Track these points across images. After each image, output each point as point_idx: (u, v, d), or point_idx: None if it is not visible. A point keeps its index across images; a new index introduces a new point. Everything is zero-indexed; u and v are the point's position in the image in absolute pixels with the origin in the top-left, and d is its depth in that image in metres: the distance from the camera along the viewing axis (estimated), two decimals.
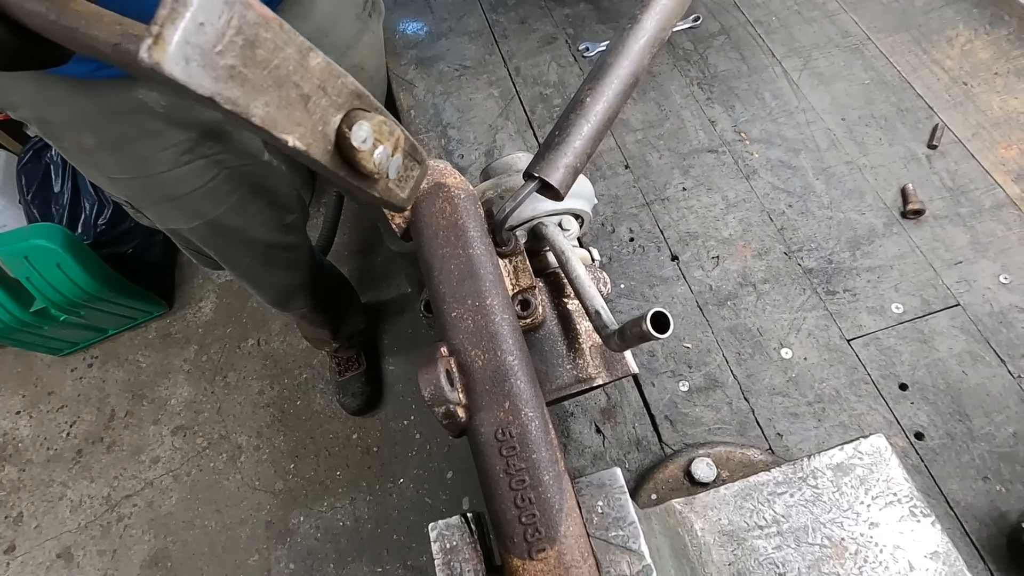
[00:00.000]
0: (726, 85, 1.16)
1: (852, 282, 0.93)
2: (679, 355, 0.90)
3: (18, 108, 0.79)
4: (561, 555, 0.43)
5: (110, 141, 0.82)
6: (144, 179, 0.89)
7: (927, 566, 0.57)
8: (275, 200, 1.11)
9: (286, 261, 1.33)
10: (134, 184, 0.90)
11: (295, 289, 1.48)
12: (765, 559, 0.59)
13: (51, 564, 1.89)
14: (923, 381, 0.84)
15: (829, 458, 0.63)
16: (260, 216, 1.09)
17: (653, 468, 0.80)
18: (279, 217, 1.15)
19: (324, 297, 1.65)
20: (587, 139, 0.53)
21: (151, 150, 0.85)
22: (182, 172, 0.90)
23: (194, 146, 0.88)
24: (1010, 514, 0.75)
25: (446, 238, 0.53)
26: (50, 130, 0.82)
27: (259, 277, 1.33)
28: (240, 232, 1.09)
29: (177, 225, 1.01)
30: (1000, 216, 0.95)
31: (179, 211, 0.97)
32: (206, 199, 0.96)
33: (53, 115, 0.79)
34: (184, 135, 0.85)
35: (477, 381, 0.48)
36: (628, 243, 1.01)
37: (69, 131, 0.81)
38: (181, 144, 0.86)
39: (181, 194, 0.93)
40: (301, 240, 1.35)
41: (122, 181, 0.90)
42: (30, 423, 2.15)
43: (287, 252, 1.29)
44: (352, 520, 1.83)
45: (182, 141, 0.86)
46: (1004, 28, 1.14)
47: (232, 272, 1.26)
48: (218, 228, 1.04)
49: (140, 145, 0.84)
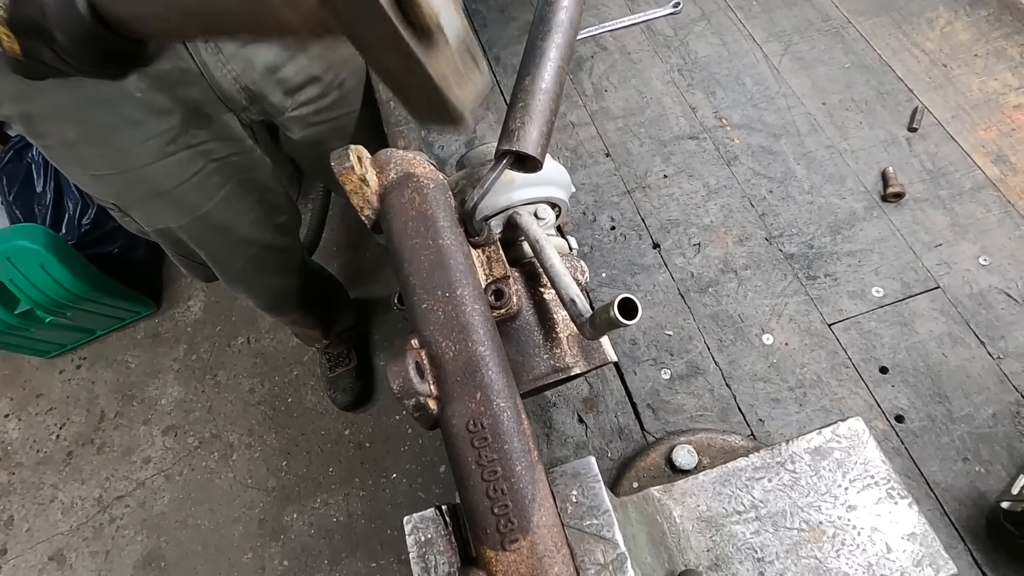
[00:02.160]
0: (707, 71, 1.15)
1: (833, 267, 0.93)
2: (661, 343, 0.90)
3: (2, 105, 0.78)
4: (534, 545, 0.43)
5: (92, 133, 0.82)
6: (128, 173, 0.88)
7: (904, 547, 0.57)
8: (265, 197, 1.10)
9: (279, 265, 1.31)
10: (118, 181, 0.89)
11: (287, 294, 1.47)
12: (743, 544, 0.59)
13: (43, 567, 1.88)
14: (903, 364, 0.85)
15: (807, 442, 0.63)
16: (251, 213, 1.08)
17: (635, 456, 0.80)
18: (270, 216, 1.14)
19: (315, 299, 1.64)
20: (548, 100, 0.51)
21: (133, 140, 0.84)
22: (167, 164, 0.89)
23: (177, 135, 0.87)
24: (989, 494, 0.75)
25: (415, 229, 0.52)
26: (33, 126, 0.81)
27: (251, 281, 1.31)
28: (231, 230, 1.07)
29: (166, 223, 0.99)
30: (979, 198, 0.95)
31: (167, 207, 0.96)
32: (194, 192, 0.95)
33: (36, 109, 0.79)
34: (166, 123, 0.85)
35: (448, 372, 0.47)
36: (609, 231, 1.00)
37: (51, 125, 0.81)
38: (164, 134, 0.85)
39: (167, 188, 0.92)
40: (293, 243, 1.34)
41: (107, 178, 0.89)
42: (19, 426, 2.14)
43: (280, 255, 1.28)
44: (345, 516, 1.84)
45: (165, 131, 0.85)
46: (983, 9, 1.14)
47: (224, 277, 1.25)
48: (208, 225, 1.02)
49: (122, 136, 0.83)
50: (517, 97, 0.52)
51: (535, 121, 0.50)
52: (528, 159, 0.51)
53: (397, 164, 0.56)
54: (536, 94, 0.51)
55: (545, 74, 0.52)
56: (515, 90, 0.53)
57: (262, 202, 1.10)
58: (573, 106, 1.14)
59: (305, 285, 1.51)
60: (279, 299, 1.47)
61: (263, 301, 1.47)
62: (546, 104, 0.51)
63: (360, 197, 0.53)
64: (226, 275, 1.24)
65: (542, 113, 0.51)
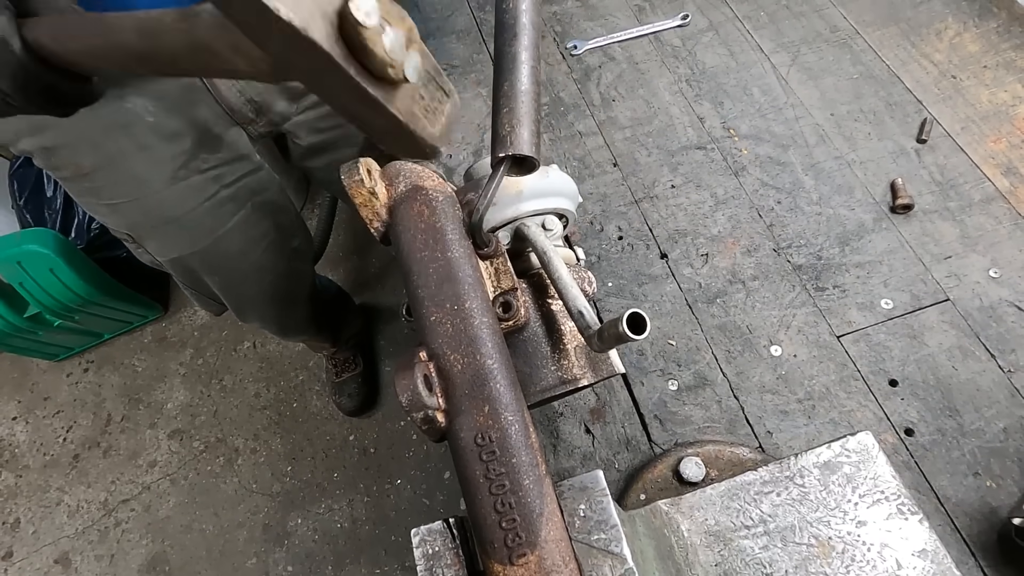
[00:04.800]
0: (715, 82, 1.15)
1: (841, 278, 0.92)
2: (668, 354, 0.89)
3: (20, 140, 0.79)
4: (542, 560, 0.42)
5: (106, 160, 0.83)
6: (142, 200, 0.88)
7: (915, 564, 0.56)
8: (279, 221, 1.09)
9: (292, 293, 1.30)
10: (133, 208, 0.90)
11: (300, 320, 1.45)
12: (752, 559, 0.58)
13: (49, 570, 1.89)
14: (913, 377, 0.84)
15: (816, 456, 0.63)
16: (265, 239, 1.07)
17: (642, 468, 0.80)
18: (285, 240, 1.12)
19: (326, 320, 1.64)
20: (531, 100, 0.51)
21: (146, 166, 0.85)
22: (180, 189, 0.89)
23: (188, 160, 0.87)
24: (1000, 509, 0.74)
25: (424, 241, 0.52)
26: (50, 158, 0.82)
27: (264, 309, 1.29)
28: (246, 256, 1.06)
29: (180, 251, 0.99)
30: (989, 210, 0.95)
31: (180, 234, 0.96)
32: (207, 218, 0.95)
33: (54, 140, 0.79)
34: (177, 148, 0.85)
35: (456, 385, 0.47)
36: (617, 241, 1.00)
37: (68, 155, 0.82)
38: (176, 158, 0.86)
39: (181, 214, 0.92)
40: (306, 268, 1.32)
41: (121, 206, 0.89)
42: (26, 428, 2.15)
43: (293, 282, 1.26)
44: (350, 522, 1.83)
45: (176, 155, 0.86)
46: (993, 20, 1.13)
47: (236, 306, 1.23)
48: (222, 252, 1.01)
49: (135, 162, 0.84)
50: (500, 104, 0.52)
51: (523, 123, 0.51)
52: (525, 160, 0.51)
53: (406, 177, 0.56)
54: (518, 97, 0.51)
55: (522, 76, 0.53)
56: (496, 98, 0.53)
57: (277, 226, 1.08)
58: (581, 116, 1.14)
59: (316, 309, 1.49)
60: (292, 325, 1.46)
61: (275, 327, 1.45)
62: (529, 105, 0.52)
63: (370, 210, 0.53)
64: (239, 305, 1.22)
65: (528, 114, 0.51)
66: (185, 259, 1.01)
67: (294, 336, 1.58)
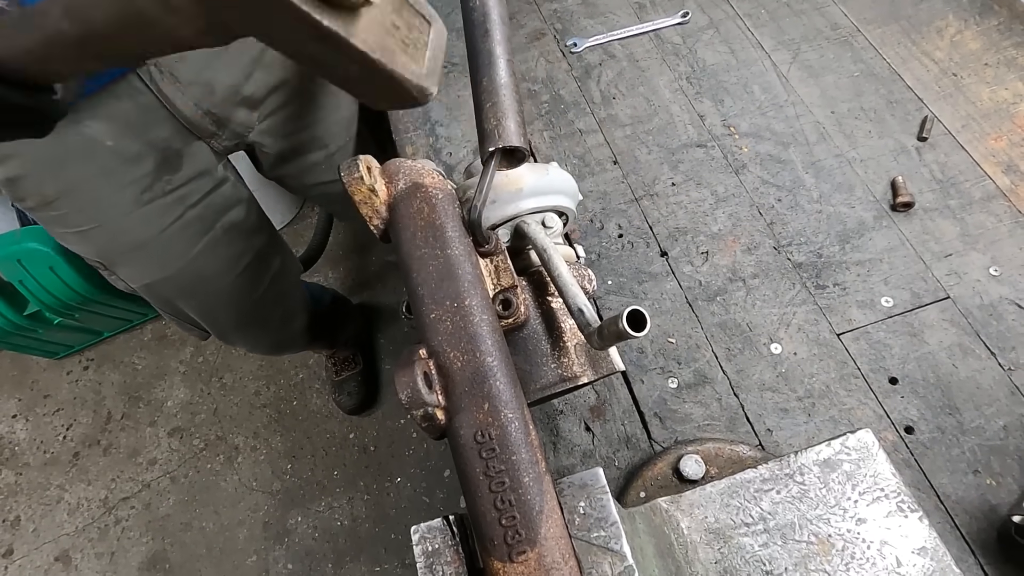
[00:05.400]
0: (715, 79, 1.15)
1: (842, 276, 0.92)
2: (668, 352, 0.89)
3: None
4: (542, 557, 0.42)
5: (69, 187, 0.81)
6: (108, 226, 0.87)
7: (915, 562, 0.56)
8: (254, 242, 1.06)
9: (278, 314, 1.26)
10: (101, 235, 0.88)
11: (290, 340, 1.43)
12: (752, 557, 0.59)
13: (49, 567, 1.89)
14: (913, 375, 0.84)
15: (816, 454, 0.63)
16: (239, 261, 1.04)
17: (642, 466, 0.80)
18: (261, 262, 1.09)
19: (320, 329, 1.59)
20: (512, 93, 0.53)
21: (109, 191, 0.84)
22: (145, 212, 0.88)
23: (152, 182, 0.86)
24: (1000, 507, 0.74)
25: (424, 239, 0.52)
26: (15, 189, 0.81)
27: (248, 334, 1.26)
28: (219, 279, 1.03)
29: (152, 277, 0.97)
30: (990, 208, 0.95)
31: (150, 258, 0.94)
32: (176, 241, 0.93)
33: (16, 170, 0.78)
34: (139, 170, 0.84)
35: (456, 383, 0.47)
36: (617, 239, 1.00)
37: (32, 184, 0.80)
38: (138, 181, 0.85)
39: (148, 238, 0.90)
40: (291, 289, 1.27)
41: (88, 233, 0.88)
42: (26, 426, 2.15)
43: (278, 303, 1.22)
44: (350, 519, 1.83)
45: (139, 178, 0.84)
46: (994, 18, 1.13)
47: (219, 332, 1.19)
48: (195, 276, 0.99)
49: (98, 187, 0.83)
50: (482, 100, 0.53)
51: (508, 115, 0.52)
52: (515, 151, 0.52)
53: (406, 174, 0.56)
54: (499, 91, 0.52)
55: (500, 71, 0.54)
56: (476, 95, 0.54)
57: (251, 247, 1.05)
58: (581, 113, 1.14)
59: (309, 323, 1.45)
60: (281, 345, 1.43)
61: (263, 349, 1.42)
62: (511, 97, 0.53)
63: (369, 207, 0.53)
64: (220, 330, 1.19)
65: (511, 106, 0.52)
66: (158, 285, 0.99)
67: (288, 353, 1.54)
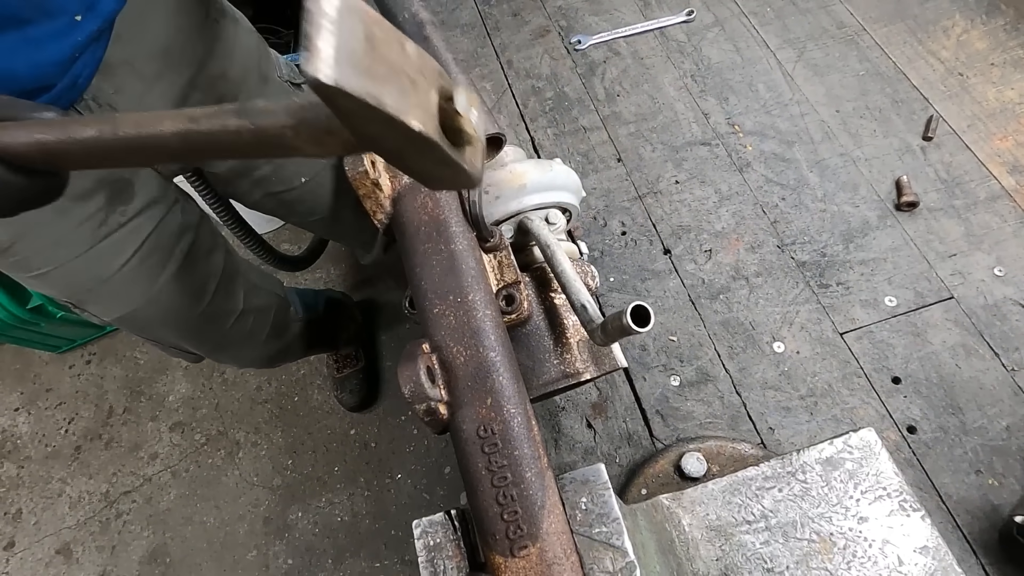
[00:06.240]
0: (720, 77, 1.15)
1: (845, 275, 0.92)
2: (671, 349, 0.89)
3: None
4: (543, 552, 0.42)
5: (22, 231, 0.80)
6: (68, 265, 0.85)
7: (916, 560, 0.56)
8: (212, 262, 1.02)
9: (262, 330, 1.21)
10: (62, 275, 0.86)
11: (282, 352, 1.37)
12: (753, 554, 0.58)
13: (50, 560, 1.90)
14: (916, 374, 0.84)
15: (818, 452, 0.63)
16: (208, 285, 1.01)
17: (644, 463, 0.80)
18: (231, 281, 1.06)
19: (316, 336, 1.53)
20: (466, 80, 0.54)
21: (64, 230, 0.82)
22: (104, 248, 0.85)
23: (106, 216, 0.83)
24: (1002, 507, 0.74)
25: (428, 234, 0.52)
26: None
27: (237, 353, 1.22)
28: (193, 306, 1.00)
29: (122, 311, 0.95)
30: (995, 208, 0.94)
31: (116, 293, 0.92)
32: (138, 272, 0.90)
33: None
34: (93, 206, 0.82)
35: (459, 378, 0.47)
36: (620, 236, 1.00)
37: None
38: (92, 217, 0.82)
39: (110, 273, 0.88)
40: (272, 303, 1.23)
41: (50, 275, 0.86)
42: (28, 420, 2.16)
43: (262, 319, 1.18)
44: (350, 515, 1.83)
45: (92, 214, 0.82)
46: (1000, 18, 1.13)
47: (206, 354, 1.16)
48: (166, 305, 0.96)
49: (52, 228, 0.81)
50: None
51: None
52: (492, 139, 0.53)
53: None
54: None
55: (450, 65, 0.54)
56: None
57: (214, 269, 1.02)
58: (585, 110, 1.14)
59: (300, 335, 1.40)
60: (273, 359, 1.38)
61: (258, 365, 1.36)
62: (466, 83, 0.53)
63: (373, 201, 0.53)
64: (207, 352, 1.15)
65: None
66: (129, 318, 0.97)
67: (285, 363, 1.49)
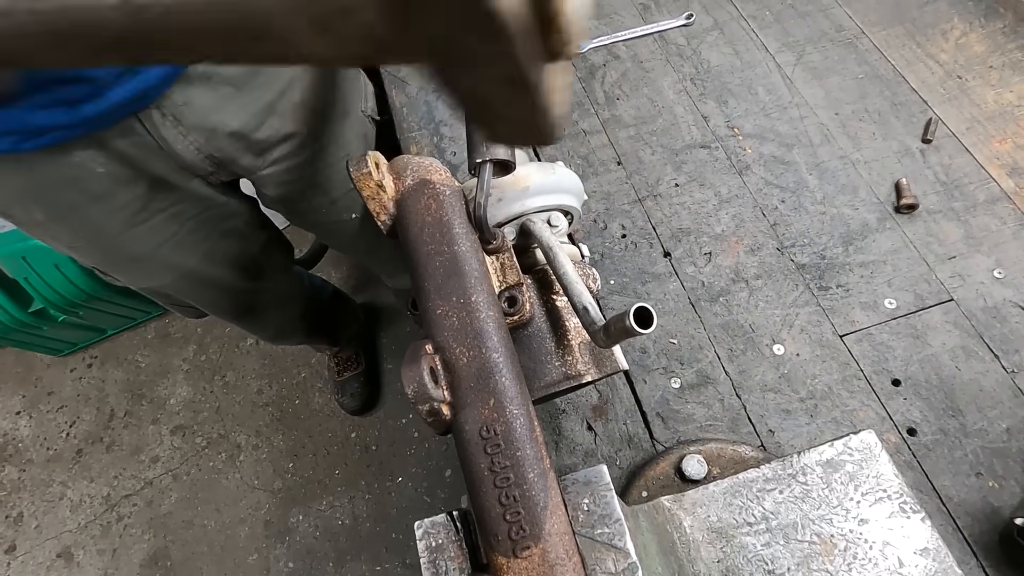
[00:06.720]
0: (719, 80, 1.15)
1: (845, 277, 0.92)
2: (671, 352, 0.90)
3: None
4: (546, 553, 0.43)
5: (59, 212, 0.79)
6: (103, 243, 0.85)
7: (917, 562, 0.57)
8: (249, 246, 1.05)
9: (275, 301, 1.28)
10: (95, 251, 0.87)
11: (290, 324, 1.45)
12: (754, 556, 0.59)
13: (51, 563, 1.90)
14: (916, 377, 0.84)
15: (819, 454, 0.63)
16: (237, 264, 1.04)
17: (644, 465, 0.80)
18: (258, 258, 1.09)
19: (320, 321, 1.62)
20: None
21: (101, 214, 0.81)
22: (140, 232, 0.85)
23: (146, 203, 0.83)
24: (1003, 510, 0.74)
25: (431, 235, 0.52)
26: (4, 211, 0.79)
27: (248, 320, 1.28)
28: (218, 280, 1.04)
29: (150, 284, 0.97)
30: (994, 210, 0.95)
31: (147, 270, 0.93)
32: (173, 253, 0.91)
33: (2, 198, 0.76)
34: (132, 193, 0.81)
35: (462, 378, 0.47)
36: (620, 239, 1.01)
37: (15, 208, 0.78)
38: (131, 204, 0.82)
39: (144, 253, 0.89)
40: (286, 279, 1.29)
41: (82, 249, 0.86)
42: (30, 423, 2.16)
43: (274, 292, 1.24)
44: (351, 519, 1.84)
45: (131, 200, 0.81)
46: (999, 21, 1.13)
47: (219, 317, 1.23)
48: (194, 280, 0.99)
49: (90, 211, 0.80)
50: None
51: None
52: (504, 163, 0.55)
53: (414, 170, 0.56)
54: None
55: None
56: None
57: (246, 252, 1.05)
58: (585, 114, 1.15)
59: (307, 312, 1.47)
60: (282, 331, 1.45)
61: (265, 334, 1.44)
62: None
63: (377, 203, 0.54)
64: (221, 316, 1.22)
65: None
66: (156, 288, 0.99)
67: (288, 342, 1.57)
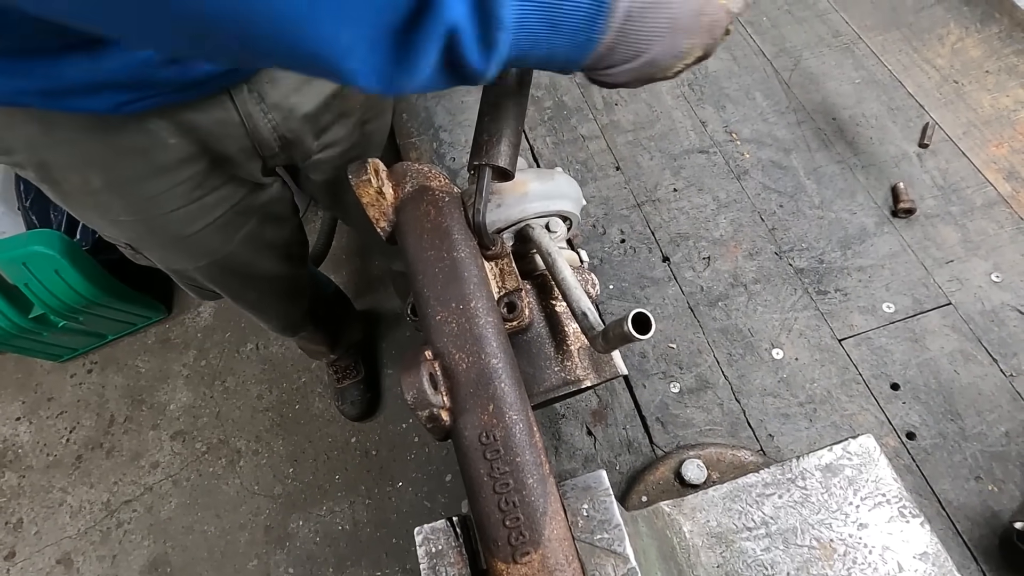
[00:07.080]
0: (717, 86, 1.16)
1: (843, 282, 0.93)
2: (670, 356, 0.90)
3: (14, 152, 0.73)
4: (545, 558, 0.43)
5: (119, 181, 0.79)
6: (152, 219, 0.85)
7: (916, 567, 0.57)
8: (281, 235, 1.08)
9: (291, 291, 1.32)
10: (140, 226, 0.87)
11: (299, 315, 1.48)
12: (754, 561, 0.59)
13: (51, 570, 1.89)
14: (915, 381, 0.84)
15: (818, 459, 0.63)
16: (268, 250, 1.07)
17: (644, 470, 0.80)
18: (286, 248, 1.12)
19: (324, 316, 1.65)
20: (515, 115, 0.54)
21: (161, 188, 0.81)
22: (191, 209, 0.86)
23: (203, 180, 0.84)
24: (1002, 513, 0.74)
25: (430, 241, 0.53)
26: (48, 173, 0.77)
27: (265, 309, 1.33)
28: (248, 267, 1.06)
29: (182, 265, 0.98)
30: (991, 214, 0.95)
31: (185, 251, 0.94)
32: (214, 236, 0.93)
33: (56, 158, 0.74)
34: (194, 168, 0.82)
35: (461, 384, 0.48)
36: (619, 244, 1.01)
37: (73, 173, 0.77)
38: (192, 179, 0.83)
39: (189, 233, 0.90)
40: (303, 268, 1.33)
41: (127, 223, 0.86)
42: (30, 429, 2.16)
43: (292, 282, 1.28)
44: (351, 524, 1.83)
45: (193, 176, 0.83)
46: (995, 26, 1.14)
47: (235, 303, 1.25)
48: (225, 266, 1.01)
49: (151, 183, 0.80)
50: (484, 109, 0.54)
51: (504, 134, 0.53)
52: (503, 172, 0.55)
53: (413, 177, 0.56)
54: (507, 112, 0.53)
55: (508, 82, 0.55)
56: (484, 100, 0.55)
57: (279, 238, 1.08)
58: (583, 119, 1.15)
59: (314, 304, 1.51)
60: (291, 321, 1.49)
61: (275, 324, 1.48)
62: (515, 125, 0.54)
63: (377, 209, 0.54)
64: (238, 302, 1.25)
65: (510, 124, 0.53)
66: (184, 270, 1.00)
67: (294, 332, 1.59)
